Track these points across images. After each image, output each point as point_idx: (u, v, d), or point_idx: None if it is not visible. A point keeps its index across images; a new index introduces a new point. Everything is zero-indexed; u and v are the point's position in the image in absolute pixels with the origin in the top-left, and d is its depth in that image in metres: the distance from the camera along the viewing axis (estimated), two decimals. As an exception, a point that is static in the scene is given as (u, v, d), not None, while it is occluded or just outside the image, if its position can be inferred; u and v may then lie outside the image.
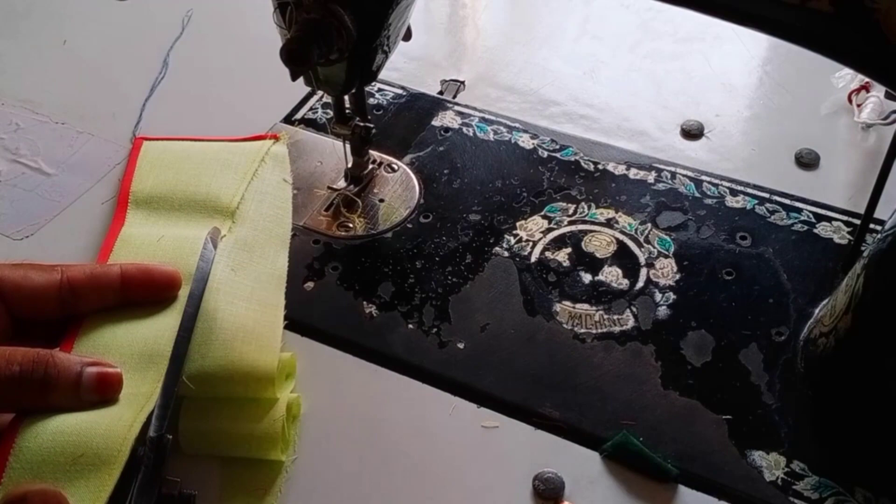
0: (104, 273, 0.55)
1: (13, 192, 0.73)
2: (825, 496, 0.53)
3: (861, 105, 0.76)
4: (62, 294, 0.53)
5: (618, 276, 0.65)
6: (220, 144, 0.71)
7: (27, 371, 0.48)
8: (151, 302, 0.56)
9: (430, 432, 0.57)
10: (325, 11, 0.57)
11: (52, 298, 0.53)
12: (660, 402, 0.57)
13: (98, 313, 0.55)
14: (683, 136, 0.77)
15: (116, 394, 0.51)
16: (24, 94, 0.81)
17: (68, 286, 0.53)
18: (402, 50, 0.69)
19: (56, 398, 0.49)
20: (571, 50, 0.86)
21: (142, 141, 0.73)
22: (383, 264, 0.66)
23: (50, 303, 0.53)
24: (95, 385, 0.50)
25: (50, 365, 0.48)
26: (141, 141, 0.73)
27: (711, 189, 0.70)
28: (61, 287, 0.53)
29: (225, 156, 0.69)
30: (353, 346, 0.61)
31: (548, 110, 0.79)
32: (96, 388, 0.50)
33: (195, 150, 0.70)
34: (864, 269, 0.54)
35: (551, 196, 0.70)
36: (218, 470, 0.54)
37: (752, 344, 0.60)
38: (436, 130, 0.76)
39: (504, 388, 0.58)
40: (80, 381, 0.49)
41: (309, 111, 0.79)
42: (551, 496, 0.53)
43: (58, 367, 0.49)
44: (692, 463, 0.54)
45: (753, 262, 0.65)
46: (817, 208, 0.69)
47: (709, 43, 0.86)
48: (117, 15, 0.90)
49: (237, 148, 0.70)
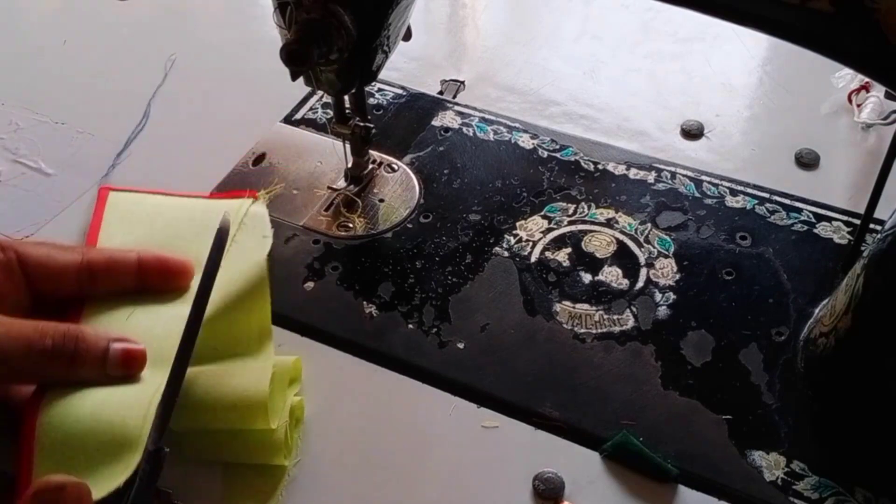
0: (122, 257, 0.57)
1: (13, 192, 0.73)
2: (825, 496, 0.53)
3: (861, 105, 0.76)
4: (81, 274, 0.55)
5: (618, 276, 0.65)
6: (195, 202, 0.66)
7: (58, 344, 0.50)
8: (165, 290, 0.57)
9: (430, 432, 0.57)
10: (325, 11, 0.57)
11: (71, 278, 0.55)
12: (660, 402, 0.57)
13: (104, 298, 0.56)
14: (683, 136, 0.77)
15: (140, 370, 0.52)
16: (24, 94, 0.81)
17: (87, 267, 0.55)
18: (402, 50, 0.69)
19: (83, 372, 0.51)
20: (571, 50, 0.86)
21: (107, 191, 0.67)
22: (383, 264, 0.66)
23: (69, 282, 0.55)
24: (121, 360, 0.51)
25: (80, 339, 0.50)
26: (106, 191, 0.67)
27: (711, 189, 0.70)
28: (80, 268, 0.55)
29: (200, 216, 0.63)
30: (353, 346, 0.61)
31: (548, 110, 0.79)
32: (122, 363, 0.51)
33: (168, 207, 0.65)
34: (864, 269, 0.54)
35: (551, 196, 0.70)
36: (220, 475, 0.54)
37: (752, 344, 0.60)
38: (436, 130, 0.76)
39: (504, 388, 0.58)
40: (107, 357, 0.51)
41: (309, 111, 0.79)
42: (551, 496, 0.53)
43: (87, 342, 0.51)
44: (692, 463, 0.54)
45: (753, 262, 0.65)
46: (817, 208, 0.69)
47: (709, 43, 0.86)
48: (117, 15, 0.90)
49: (214, 206, 0.64)
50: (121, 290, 0.57)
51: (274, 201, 0.70)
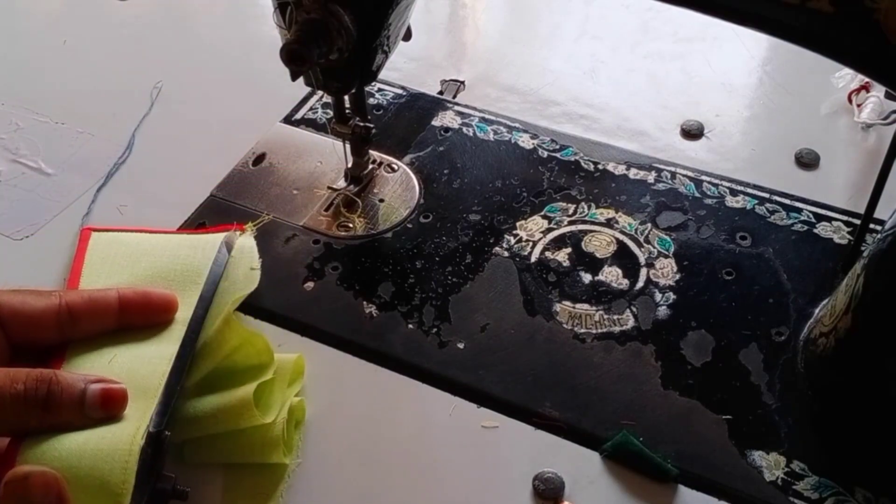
0: (102, 297, 0.55)
1: (13, 192, 0.73)
2: (825, 496, 0.53)
3: (861, 105, 0.76)
4: (61, 319, 0.53)
5: (618, 276, 0.65)
6: (180, 238, 0.63)
7: (31, 388, 0.47)
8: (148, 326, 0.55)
9: (430, 432, 0.57)
10: (325, 11, 0.57)
11: (50, 323, 0.52)
12: (660, 402, 0.57)
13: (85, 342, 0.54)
14: (683, 136, 0.77)
15: (122, 410, 0.50)
16: (24, 94, 0.81)
17: (67, 311, 0.53)
18: (402, 50, 0.69)
19: (61, 416, 0.48)
20: (571, 50, 0.86)
21: (89, 232, 0.65)
22: (383, 264, 0.66)
23: (48, 328, 0.53)
24: (100, 401, 0.49)
25: (54, 382, 0.48)
26: (88, 232, 0.65)
27: (711, 189, 0.70)
28: (59, 311, 0.53)
29: (185, 252, 0.61)
30: (353, 346, 0.61)
31: (548, 110, 0.79)
32: (101, 404, 0.49)
33: (152, 245, 0.62)
34: (864, 269, 0.54)
35: (551, 196, 0.70)
36: (220, 475, 0.54)
37: (752, 344, 0.60)
38: (436, 130, 0.76)
39: (504, 388, 0.58)
40: (85, 398, 0.49)
41: (309, 111, 0.79)
42: (551, 496, 0.53)
43: (61, 385, 0.48)
44: (692, 463, 0.54)
45: (753, 262, 0.65)
46: (817, 208, 0.69)
47: (709, 43, 0.86)
48: (117, 15, 0.90)
49: (198, 242, 0.62)
50: (103, 332, 0.54)
51: (274, 201, 0.71)
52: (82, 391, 0.49)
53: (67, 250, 0.66)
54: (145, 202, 0.71)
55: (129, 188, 0.73)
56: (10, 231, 0.69)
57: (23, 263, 0.67)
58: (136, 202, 0.71)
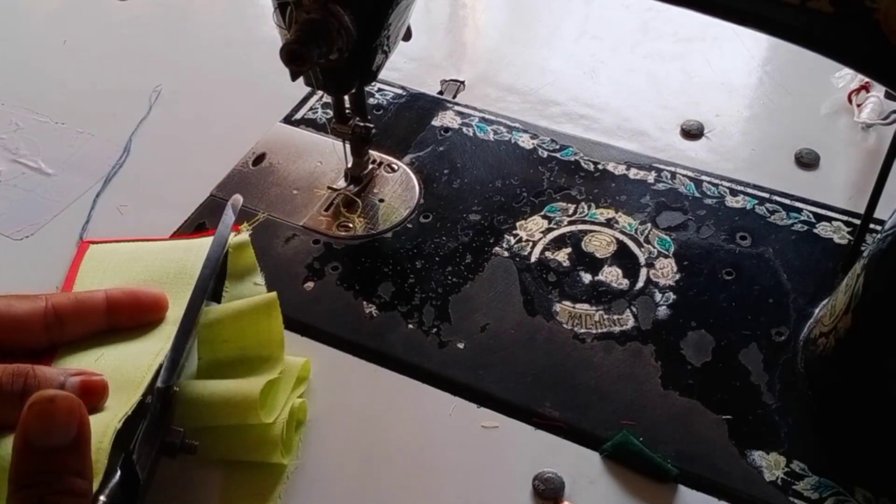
0: (89, 298, 0.54)
1: (13, 192, 0.73)
2: (825, 496, 0.53)
3: (861, 105, 0.76)
4: (48, 321, 0.52)
5: (618, 276, 0.65)
6: (174, 243, 0.63)
7: (6, 382, 0.47)
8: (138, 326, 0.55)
9: (430, 432, 0.57)
10: (325, 11, 0.57)
11: (37, 326, 0.52)
12: (660, 402, 0.57)
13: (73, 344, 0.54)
14: (683, 136, 0.77)
15: (102, 401, 0.50)
16: (24, 94, 0.81)
17: (54, 313, 0.52)
18: (402, 50, 0.69)
19: None
20: (571, 50, 0.86)
21: (87, 245, 0.65)
22: (383, 264, 0.66)
23: (36, 331, 0.52)
24: (79, 393, 0.48)
25: (30, 376, 0.48)
26: (87, 245, 0.65)
27: (711, 189, 0.70)
28: (46, 314, 0.52)
29: (178, 255, 0.61)
30: (353, 346, 0.61)
31: (548, 110, 0.79)
32: (80, 395, 0.47)
33: (146, 252, 0.63)
34: (864, 269, 0.54)
35: (551, 196, 0.70)
36: (219, 474, 0.54)
37: (752, 344, 0.60)
38: (436, 130, 0.76)
39: (504, 388, 0.58)
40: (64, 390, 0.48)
41: (309, 111, 0.79)
42: (551, 496, 0.53)
43: (38, 378, 0.48)
44: (692, 463, 0.54)
45: (753, 262, 0.65)
46: (817, 208, 0.69)
47: (709, 43, 0.86)
48: (117, 15, 0.90)
49: (192, 245, 0.62)
50: (92, 333, 0.54)
51: (274, 201, 0.71)
52: (61, 384, 0.49)
53: (67, 250, 0.66)
54: (145, 202, 0.71)
55: (129, 188, 0.73)
56: (10, 231, 0.69)
57: (23, 263, 0.67)
58: (136, 202, 0.71)
